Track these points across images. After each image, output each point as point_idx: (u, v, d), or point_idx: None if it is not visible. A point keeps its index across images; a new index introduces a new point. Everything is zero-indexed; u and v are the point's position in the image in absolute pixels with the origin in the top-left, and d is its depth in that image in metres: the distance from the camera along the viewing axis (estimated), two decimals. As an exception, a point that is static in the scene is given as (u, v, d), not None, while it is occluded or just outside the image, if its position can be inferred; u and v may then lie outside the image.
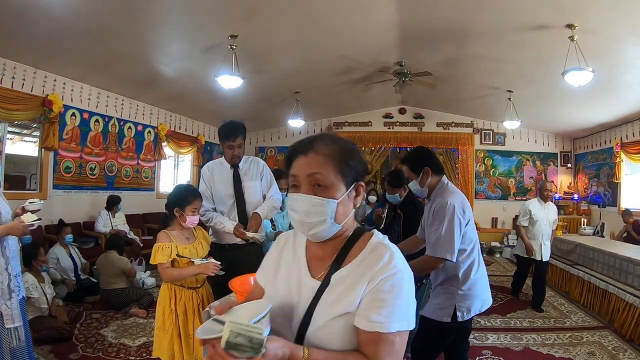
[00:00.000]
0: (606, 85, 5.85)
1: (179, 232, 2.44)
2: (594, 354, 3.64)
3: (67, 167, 6.10)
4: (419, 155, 2.45)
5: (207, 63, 5.72)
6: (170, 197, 2.47)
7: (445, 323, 2.15)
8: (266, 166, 3.05)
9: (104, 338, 3.74)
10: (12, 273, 2.35)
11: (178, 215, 2.41)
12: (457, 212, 2.12)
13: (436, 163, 2.38)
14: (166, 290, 2.39)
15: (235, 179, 2.88)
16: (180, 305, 2.35)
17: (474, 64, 6.34)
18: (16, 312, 2.33)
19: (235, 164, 2.90)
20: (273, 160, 10.73)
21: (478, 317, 4.46)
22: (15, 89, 5.18)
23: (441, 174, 2.38)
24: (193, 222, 2.44)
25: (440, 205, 2.17)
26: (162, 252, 2.32)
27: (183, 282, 2.37)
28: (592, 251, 5.27)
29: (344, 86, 7.76)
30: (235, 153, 2.84)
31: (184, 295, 2.38)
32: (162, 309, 2.36)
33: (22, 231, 2.30)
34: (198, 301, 2.41)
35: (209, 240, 2.62)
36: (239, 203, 2.86)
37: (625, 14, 4.10)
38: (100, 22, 4.47)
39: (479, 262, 2.23)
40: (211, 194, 2.88)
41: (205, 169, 2.98)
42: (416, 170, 2.36)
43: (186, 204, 2.39)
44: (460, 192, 2.36)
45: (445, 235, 2.09)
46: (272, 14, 4.68)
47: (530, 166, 9.85)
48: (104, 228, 6.04)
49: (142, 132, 7.65)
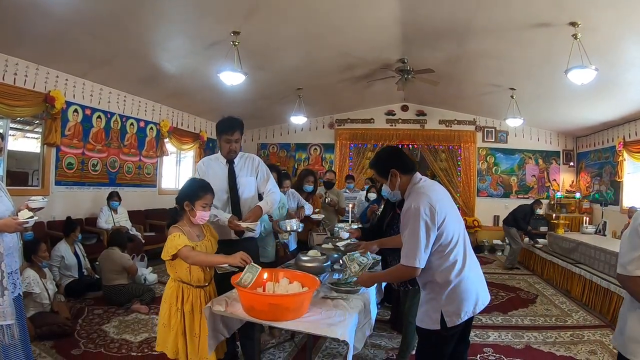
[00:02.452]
0: (609, 83, 5.81)
1: (189, 229, 2.39)
2: (595, 352, 3.64)
3: (69, 163, 6.11)
4: (384, 157, 2.30)
5: (210, 59, 5.71)
6: (181, 191, 2.44)
7: (436, 330, 2.02)
8: (262, 162, 3.06)
9: (106, 334, 3.75)
10: (5, 270, 2.30)
11: (188, 210, 2.36)
12: (421, 215, 1.95)
13: (405, 162, 2.21)
14: (173, 288, 2.36)
15: (230, 174, 2.90)
16: (187, 305, 2.32)
17: (476, 62, 6.31)
18: (8, 310, 2.28)
19: (231, 160, 2.91)
20: (275, 156, 10.73)
21: (479, 314, 4.46)
22: (18, 85, 5.18)
23: (411, 173, 2.19)
24: (203, 218, 2.39)
25: (406, 210, 2.04)
26: (180, 238, 2.25)
27: (191, 279, 2.33)
28: (593, 250, 5.27)
29: (346, 83, 7.74)
30: (232, 147, 2.84)
31: (191, 294, 2.34)
32: (169, 306, 2.33)
33: (15, 228, 2.26)
34: (205, 299, 2.37)
35: (217, 238, 2.59)
36: (233, 198, 2.88)
37: (629, 13, 4.07)
38: (103, 19, 4.46)
39: (463, 261, 2.04)
40: None
41: (200, 164, 3.00)
42: (384, 174, 2.22)
43: (197, 199, 2.35)
44: (434, 187, 2.15)
45: (410, 242, 1.97)
46: (274, 11, 4.67)
47: (533, 164, 9.82)
48: (106, 224, 6.06)
49: (144, 128, 7.66)
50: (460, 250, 2.05)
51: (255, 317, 2.07)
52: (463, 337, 2.20)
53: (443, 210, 2.01)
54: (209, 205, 2.40)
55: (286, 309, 2.03)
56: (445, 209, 2.03)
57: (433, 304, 2.05)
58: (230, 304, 2.21)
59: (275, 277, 2.34)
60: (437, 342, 2.07)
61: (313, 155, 10.62)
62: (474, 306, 2.04)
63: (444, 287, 2.01)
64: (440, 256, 2.01)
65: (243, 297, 2.10)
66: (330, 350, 3.52)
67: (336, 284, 2.62)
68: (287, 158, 10.73)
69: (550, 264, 6.37)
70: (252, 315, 2.07)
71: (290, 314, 2.04)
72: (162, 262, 2.37)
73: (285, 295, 2.13)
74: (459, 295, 2.00)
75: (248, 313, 2.08)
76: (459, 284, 2.00)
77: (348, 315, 2.15)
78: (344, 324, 2.03)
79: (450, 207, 2.11)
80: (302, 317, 2.08)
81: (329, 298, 2.40)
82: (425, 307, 2.10)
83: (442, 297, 2.01)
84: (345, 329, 1.99)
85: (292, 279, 2.34)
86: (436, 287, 2.04)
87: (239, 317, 2.15)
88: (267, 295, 2.15)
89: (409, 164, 2.22)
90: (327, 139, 10.53)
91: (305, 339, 3.52)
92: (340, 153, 10.35)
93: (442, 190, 2.17)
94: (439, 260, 2.02)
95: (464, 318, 2.01)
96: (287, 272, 2.43)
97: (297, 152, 10.70)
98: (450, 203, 2.13)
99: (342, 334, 1.94)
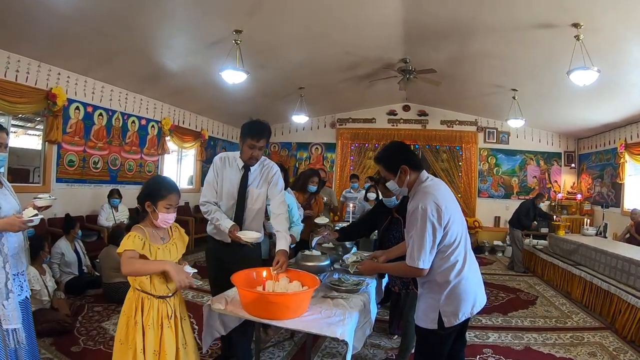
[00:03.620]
0: (611, 85, 5.81)
1: (152, 230, 2.11)
2: (595, 354, 3.63)
3: (71, 160, 6.12)
4: (394, 152, 2.24)
5: (212, 58, 5.71)
6: (143, 188, 2.14)
7: (433, 330, 2.02)
8: (279, 174, 2.90)
9: (105, 331, 3.75)
10: (10, 272, 2.16)
11: (150, 211, 2.08)
12: (429, 216, 1.94)
13: (414, 159, 2.18)
14: (132, 299, 2.04)
15: (243, 181, 2.78)
16: (147, 318, 1.98)
17: (479, 62, 6.30)
18: (13, 314, 2.14)
19: (249, 166, 2.79)
20: (276, 155, 10.74)
21: (479, 315, 4.47)
22: (19, 82, 5.19)
23: (420, 170, 2.16)
24: (167, 221, 2.10)
25: (413, 210, 2.01)
26: (133, 240, 1.98)
27: (152, 289, 2.01)
28: (594, 252, 5.26)
29: (348, 82, 7.74)
30: (254, 154, 2.72)
31: (152, 305, 2.00)
32: (126, 320, 2.01)
33: (19, 227, 2.13)
34: (169, 312, 2.04)
35: (186, 241, 2.28)
36: (238, 206, 2.77)
37: (631, 14, 4.06)
38: (105, 16, 4.47)
39: (464, 262, 2.03)
40: (216, 185, 2.80)
41: (217, 159, 2.85)
42: (393, 170, 2.16)
43: (159, 199, 2.06)
44: (439, 186, 2.12)
45: (416, 243, 1.96)
46: (276, 9, 4.67)
47: (534, 165, 9.82)
48: (106, 222, 6.06)
49: (146, 126, 7.66)
50: (461, 251, 2.04)
51: (255, 315, 2.06)
52: (460, 335, 2.20)
53: (449, 211, 2.00)
54: (173, 206, 2.09)
55: (286, 307, 2.03)
56: (451, 210, 2.02)
57: (431, 303, 2.04)
58: (230, 302, 2.21)
59: (275, 275, 2.33)
60: (434, 342, 2.06)
61: (314, 155, 10.62)
62: (472, 307, 2.04)
63: (443, 287, 2.00)
64: (442, 257, 2.00)
65: (243, 295, 2.10)
66: (329, 349, 3.52)
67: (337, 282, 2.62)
68: (288, 157, 10.74)
69: (550, 266, 6.35)
70: (252, 314, 2.07)
71: (289, 313, 2.04)
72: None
73: (285, 294, 2.13)
74: (457, 295, 1.99)
75: (247, 311, 2.08)
76: (457, 285, 1.99)
77: (348, 314, 2.15)
78: (344, 324, 2.03)
79: (455, 208, 2.09)
80: (301, 316, 2.08)
81: (328, 297, 2.40)
82: (423, 305, 2.09)
83: (440, 297, 2.00)
84: (345, 328, 1.99)
85: (292, 278, 2.33)
86: (435, 286, 2.03)
87: (238, 315, 2.14)
88: (267, 293, 2.14)
89: (417, 161, 2.19)
90: (328, 139, 10.54)
91: (304, 338, 3.52)
92: (341, 152, 10.36)
93: (447, 190, 2.15)
94: (440, 260, 2.00)
95: (462, 319, 2.01)
96: (287, 271, 2.42)
97: (299, 151, 10.71)
98: (455, 204, 2.12)
99: (341, 333, 1.94)
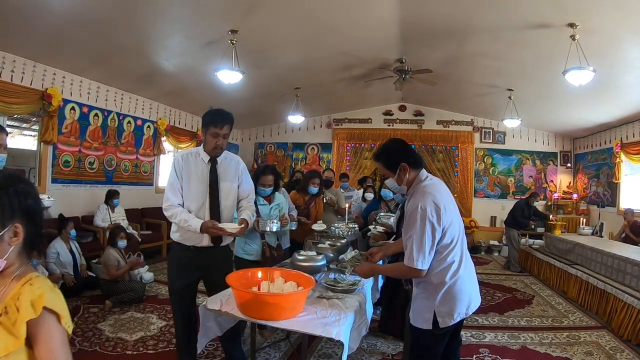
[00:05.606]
0: (607, 85, 5.83)
1: None
2: (591, 353, 3.65)
3: (66, 161, 6.09)
4: (394, 150, 2.21)
5: (207, 58, 5.70)
6: None
7: (428, 330, 2.00)
8: (246, 169, 2.83)
9: (101, 332, 3.73)
10: None
11: None
12: (428, 217, 1.92)
13: (413, 156, 2.16)
14: None
15: (213, 175, 2.63)
16: None
17: (474, 62, 6.31)
18: None
19: (214, 157, 2.65)
20: (272, 156, 10.72)
21: (475, 315, 4.47)
22: (15, 82, 5.16)
23: (419, 168, 2.14)
24: None
25: (411, 210, 1.98)
26: None
27: None
28: (590, 251, 5.28)
29: (344, 82, 7.74)
30: (219, 143, 2.57)
31: None
32: None
33: None
34: None
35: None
36: (212, 203, 2.62)
37: (627, 14, 4.08)
38: (100, 16, 4.44)
39: (460, 262, 2.02)
40: (181, 187, 2.60)
41: (178, 158, 2.65)
42: (392, 167, 2.14)
43: None
44: (439, 186, 2.10)
45: (415, 243, 1.94)
46: (272, 9, 4.66)
47: (530, 165, 9.85)
48: (102, 222, 6.03)
49: (142, 126, 7.63)
50: (457, 251, 2.03)
51: (250, 316, 2.06)
52: (455, 335, 2.19)
53: (448, 212, 1.98)
54: None
55: (281, 308, 2.02)
56: (450, 211, 2.01)
57: (426, 303, 2.03)
58: (225, 303, 2.20)
59: (270, 276, 2.32)
60: (428, 342, 2.05)
61: (310, 155, 10.61)
62: (467, 308, 2.03)
63: (439, 288, 1.99)
64: (439, 258, 1.99)
65: (238, 295, 2.09)
66: (325, 350, 3.51)
67: (333, 282, 2.62)
68: (284, 157, 10.73)
69: (546, 265, 6.37)
70: (247, 315, 2.06)
71: (285, 313, 2.03)
72: (159, 261, 2.27)
73: (281, 295, 2.12)
74: (453, 296, 1.98)
75: (243, 312, 2.08)
76: (453, 285, 1.98)
77: (343, 314, 2.14)
78: (339, 324, 2.02)
79: (454, 208, 2.08)
80: (297, 317, 2.07)
81: (324, 297, 2.39)
82: (418, 306, 2.08)
83: (436, 297, 1.99)
84: (341, 328, 1.98)
85: (288, 278, 2.32)
86: (430, 287, 2.02)
87: (234, 316, 2.13)
88: (262, 294, 2.13)
89: (417, 158, 2.17)
90: (324, 139, 10.53)
91: (300, 339, 3.51)
92: (337, 153, 10.35)
93: (446, 190, 2.14)
94: (436, 261, 1.99)
95: (457, 319, 2.00)
96: (283, 271, 2.41)
97: (295, 152, 10.69)
98: (453, 204, 2.10)
99: (337, 333, 1.94)
